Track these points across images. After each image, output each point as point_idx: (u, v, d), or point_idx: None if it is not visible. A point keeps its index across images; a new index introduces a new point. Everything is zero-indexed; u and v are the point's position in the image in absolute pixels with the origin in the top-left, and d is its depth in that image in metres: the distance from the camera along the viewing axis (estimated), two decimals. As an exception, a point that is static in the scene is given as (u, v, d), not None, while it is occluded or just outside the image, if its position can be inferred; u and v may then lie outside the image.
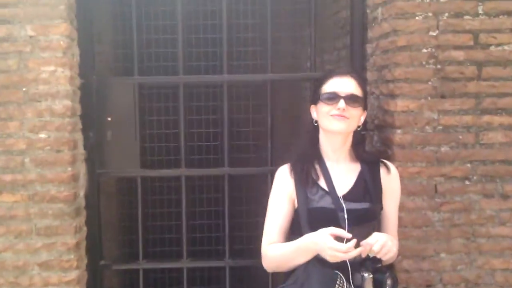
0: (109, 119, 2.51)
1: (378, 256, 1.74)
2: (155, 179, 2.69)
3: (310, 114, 2.01)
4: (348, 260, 1.76)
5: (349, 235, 1.71)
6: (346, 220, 1.83)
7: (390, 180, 2.00)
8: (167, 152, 2.66)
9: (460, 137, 2.29)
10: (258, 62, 2.63)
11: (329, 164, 1.95)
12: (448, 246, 2.30)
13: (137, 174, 2.58)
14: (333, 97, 1.86)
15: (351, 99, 1.86)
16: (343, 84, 1.89)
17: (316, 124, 1.98)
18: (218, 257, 2.70)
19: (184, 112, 2.54)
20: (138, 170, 2.57)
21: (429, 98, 2.28)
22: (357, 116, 1.90)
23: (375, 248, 1.71)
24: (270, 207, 1.98)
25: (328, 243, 1.68)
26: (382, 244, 1.71)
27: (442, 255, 2.31)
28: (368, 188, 1.93)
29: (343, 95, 1.85)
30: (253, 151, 2.70)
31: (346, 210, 1.84)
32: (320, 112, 1.91)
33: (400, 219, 2.12)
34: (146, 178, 2.67)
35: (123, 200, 2.84)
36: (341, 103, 1.84)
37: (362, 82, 2.00)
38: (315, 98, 1.96)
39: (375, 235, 1.75)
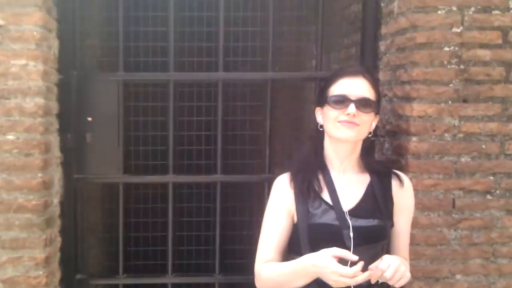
0: (90, 119, 2.25)
1: (390, 283, 1.55)
2: (139, 186, 2.41)
3: (314, 117, 1.82)
4: (353, 286, 1.57)
5: (355, 258, 1.52)
6: (352, 239, 1.65)
7: (403, 194, 1.80)
8: (154, 157, 2.38)
9: (483, 146, 2.07)
10: (257, 59, 2.36)
11: (334, 174, 1.76)
12: (465, 267, 2.10)
13: (119, 180, 2.33)
14: (342, 101, 1.66)
15: (362, 103, 1.66)
16: (354, 86, 1.68)
17: (321, 129, 1.78)
18: (207, 272, 2.45)
19: (174, 112, 2.29)
20: (120, 176, 2.32)
21: (449, 102, 2.05)
22: (368, 122, 1.71)
23: (388, 274, 1.52)
24: (266, 221, 1.79)
25: (331, 267, 1.51)
26: (395, 269, 1.52)
27: (458, 276, 2.10)
28: (378, 202, 1.74)
29: (353, 98, 1.65)
30: (250, 157, 2.44)
31: (352, 227, 1.66)
32: (327, 117, 1.71)
33: (412, 236, 1.94)
34: (130, 185, 2.41)
35: (104, 208, 2.56)
36: (351, 107, 1.64)
37: (376, 83, 1.79)
38: (321, 100, 1.76)
39: (387, 258, 1.56)
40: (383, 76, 2.29)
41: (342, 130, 1.66)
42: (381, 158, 2.28)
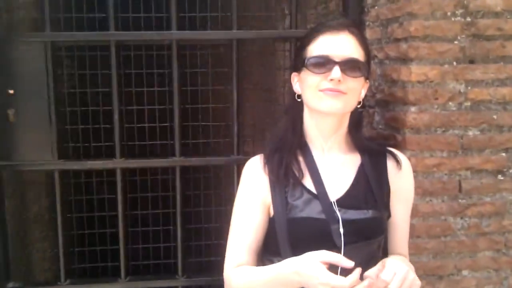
0: (11, 92, 1.80)
1: None
2: (79, 174, 1.97)
3: (290, 85, 1.52)
4: None
5: (351, 264, 1.23)
6: (342, 236, 1.37)
7: (401, 177, 1.52)
8: (96, 138, 1.95)
9: (495, 116, 1.73)
10: (219, 15, 1.93)
11: (317, 155, 1.48)
12: (473, 261, 1.79)
13: (53, 167, 1.90)
14: (324, 63, 1.37)
15: (349, 66, 1.37)
16: (338, 44, 1.38)
17: (299, 100, 1.48)
18: (169, 274, 2.05)
19: (118, 82, 1.86)
20: (55, 162, 1.89)
21: (454, 63, 1.69)
22: (357, 89, 1.42)
23: (394, 286, 1.19)
24: (236, 215, 1.50)
25: (321, 277, 1.21)
26: (402, 278, 1.22)
27: (465, 272, 1.79)
28: (371, 188, 1.47)
29: (338, 60, 1.36)
30: (214, 135, 2.03)
31: (342, 221, 1.38)
32: (305, 84, 1.42)
33: (411, 227, 1.65)
34: (67, 173, 1.96)
35: (39, 202, 2.11)
36: (336, 71, 1.34)
37: (364, 39, 1.47)
38: (298, 63, 1.46)
39: (391, 265, 1.24)
40: (371, 33, 1.91)
41: (325, 100, 1.37)
42: (371, 134, 1.91)
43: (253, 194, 1.47)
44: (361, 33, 1.47)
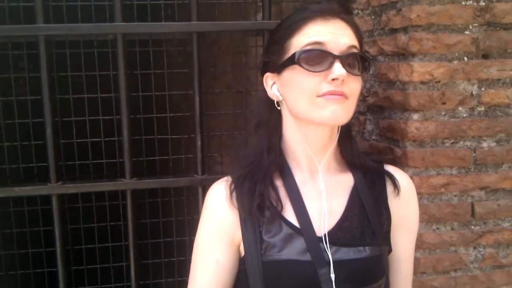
0: None
1: None
2: (7, 202, 1.59)
3: (264, 90, 1.19)
4: None
5: None
6: (334, 283, 1.07)
7: (404, 202, 1.22)
8: (26, 157, 1.57)
9: (514, 124, 1.41)
10: (174, 2, 1.57)
11: (300, 178, 1.18)
12: None
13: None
14: (321, 57, 1.06)
15: (350, 61, 1.08)
16: (334, 33, 1.08)
17: (279, 108, 1.17)
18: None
19: (50, 86, 1.50)
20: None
21: (465, 58, 1.38)
22: (359, 92, 1.12)
23: None
24: (197, 254, 1.18)
25: None
26: None
27: (479, 313, 1.48)
28: (367, 217, 1.17)
29: (337, 53, 1.06)
30: (174, 151, 1.67)
31: (334, 263, 1.08)
32: (297, 89, 1.10)
33: (415, 262, 1.38)
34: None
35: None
36: (338, 68, 1.04)
37: (359, 29, 1.15)
38: (276, 60, 1.13)
39: None
40: (360, 24, 1.59)
41: (329, 108, 1.06)
42: (362, 147, 1.58)
43: (217, 230, 1.16)
44: (354, 20, 1.16)
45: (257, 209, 1.12)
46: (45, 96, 1.49)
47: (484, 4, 1.35)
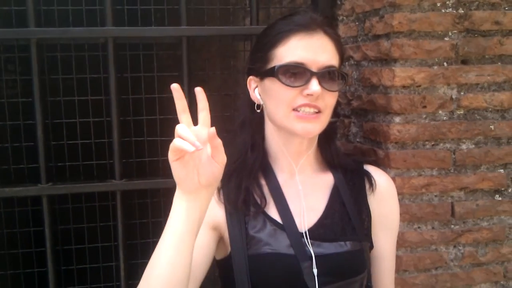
0: None
1: None
2: None
3: (245, 92, 1.25)
4: None
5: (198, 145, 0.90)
6: (316, 276, 1.12)
7: (383, 200, 1.28)
8: (17, 158, 1.59)
9: (492, 127, 1.47)
10: (164, 7, 1.61)
11: (283, 178, 1.24)
12: None
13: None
14: (299, 74, 1.11)
15: (328, 77, 1.13)
16: (314, 49, 1.13)
17: (258, 111, 1.22)
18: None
19: (41, 89, 1.53)
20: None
21: (445, 64, 1.43)
22: (333, 105, 1.19)
23: None
24: None
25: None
26: None
27: (459, 310, 1.52)
28: (348, 215, 1.22)
29: (315, 69, 1.11)
30: (163, 152, 1.70)
31: (316, 257, 1.14)
32: (274, 98, 1.15)
33: (397, 259, 1.39)
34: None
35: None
36: (314, 84, 1.10)
37: (339, 40, 1.21)
38: (259, 67, 1.18)
39: None
40: (345, 30, 1.64)
41: (300, 124, 1.13)
42: (347, 148, 1.63)
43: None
44: (336, 33, 1.21)
45: (242, 203, 1.16)
46: (36, 98, 1.52)
47: (463, 11, 1.40)
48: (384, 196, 1.27)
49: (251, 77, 1.21)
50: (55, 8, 1.53)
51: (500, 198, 1.49)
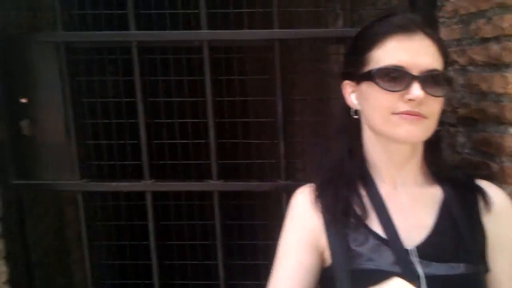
0: (24, 100, 1.59)
1: None
2: (107, 196, 1.71)
3: (341, 97, 1.19)
4: None
5: None
6: None
7: (500, 219, 1.15)
8: (122, 155, 1.68)
9: None
10: (258, 11, 1.60)
11: (384, 189, 1.15)
12: None
13: (75, 188, 1.66)
14: (399, 78, 1.04)
15: (431, 81, 1.05)
16: (415, 51, 1.05)
17: (356, 117, 1.17)
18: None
19: (143, 91, 1.60)
20: (77, 183, 1.65)
21: None
22: (439, 112, 1.10)
23: None
24: (280, 256, 1.17)
25: None
26: None
27: None
28: (460, 234, 1.11)
29: (416, 73, 1.04)
30: (259, 155, 1.70)
31: (426, 278, 1.05)
32: (373, 103, 1.10)
33: None
34: (91, 195, 1.72)
35: (64, 222, 1.89)
36: (416, 89, 1.03)
37: (442, 43, 1.12)
38: (355, 71, 1.13)
39: None
40: (448, 33, 1.51)
41: (402, 127, 1.05)
42: (454, 160, 1.50)
43: (301, 233, 1.15)
44: (437, 34, 1.14)
45: (341, 214, 1.11)
46: (139, 99, 1.59)
47: None
48: (501, 215, 1.14)
49: (346, 81, 1.17)
50: (153, 11, 1.58)
51: None
